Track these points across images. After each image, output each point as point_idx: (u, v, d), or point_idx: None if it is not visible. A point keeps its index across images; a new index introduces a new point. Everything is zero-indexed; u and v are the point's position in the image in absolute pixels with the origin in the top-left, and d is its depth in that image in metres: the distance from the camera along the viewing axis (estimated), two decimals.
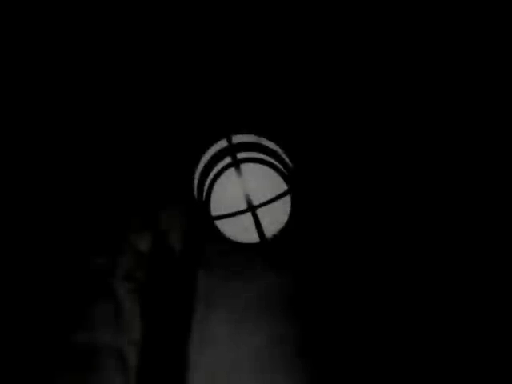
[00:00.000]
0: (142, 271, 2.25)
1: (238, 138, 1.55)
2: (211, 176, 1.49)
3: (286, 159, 1.55)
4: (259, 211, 1.42)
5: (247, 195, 1.43)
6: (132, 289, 2.26)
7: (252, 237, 1.47)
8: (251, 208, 1.41)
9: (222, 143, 1.55)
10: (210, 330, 2.24)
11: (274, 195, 1.44)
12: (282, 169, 1.49)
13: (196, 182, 1.55)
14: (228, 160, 1.48)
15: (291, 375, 2.19)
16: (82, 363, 2.25)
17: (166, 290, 2.24)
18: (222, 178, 1.47)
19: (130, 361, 2.23)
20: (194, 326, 2.24)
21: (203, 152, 1.56)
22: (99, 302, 2.27)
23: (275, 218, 1.48)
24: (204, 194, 1.49)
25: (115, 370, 2.25)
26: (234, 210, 1.44)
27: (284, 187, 1.46)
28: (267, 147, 1.53)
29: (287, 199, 1.47)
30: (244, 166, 1.46)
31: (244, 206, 1.42)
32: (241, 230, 1.47)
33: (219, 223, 1.47)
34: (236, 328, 2.22)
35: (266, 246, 1.48)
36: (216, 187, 1.47)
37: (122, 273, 2.28)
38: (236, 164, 1.46)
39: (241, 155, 1.49)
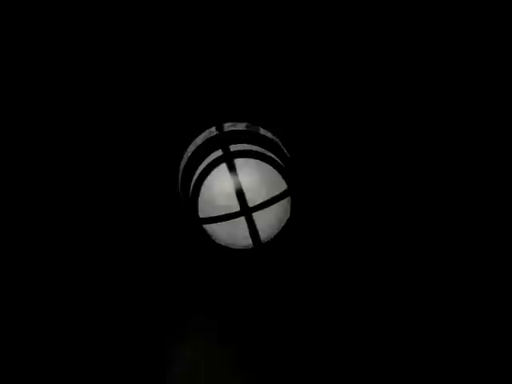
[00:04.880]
0: None
1: (230, 126, 1.33)
2: (199, 171, 1.28)
3: (286, 152, 1.35)
4: (255, 214, 1.23)
5: (241, 195, 1.23)
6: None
7: (246, 242, 1.29)
8: (246, 211, 1.22)
9: (212, 132, 1.34)
10: (192, 324, 2.17)
11: (271, 195, 1.25)
12: (281, 164, 1.30)
13: (180, 176, 1.34)
14: (219, 153, 1.28)
15: (276, 371, 2.15)
16: None
17: (147, 287, 2.13)
18: (212, 173, 1.27)
19: None
20: (174, 320, 2.16)
21: (189, 142, 1.34)
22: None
23: (272, 222, 1.29)
24: (190, 191, 1.28)
25: None
26: (226, 211, 1.24)
27: (284, 186, 1.27)
28: (264, 137, 1.33)
29: (287, 200, 1.29)
30: (237, 161, 1.26)
31: (237, 208, 1.23)
32: (233, 235, 1.28)
33: (208, 227, 1.28)
34: (219, 324, 2.16)
35: (260, 253, 1.30)
36: (205, 183, 1.27)
37: None
38: (228, 158, 1.26)
39: (234, 147, 1.28)
